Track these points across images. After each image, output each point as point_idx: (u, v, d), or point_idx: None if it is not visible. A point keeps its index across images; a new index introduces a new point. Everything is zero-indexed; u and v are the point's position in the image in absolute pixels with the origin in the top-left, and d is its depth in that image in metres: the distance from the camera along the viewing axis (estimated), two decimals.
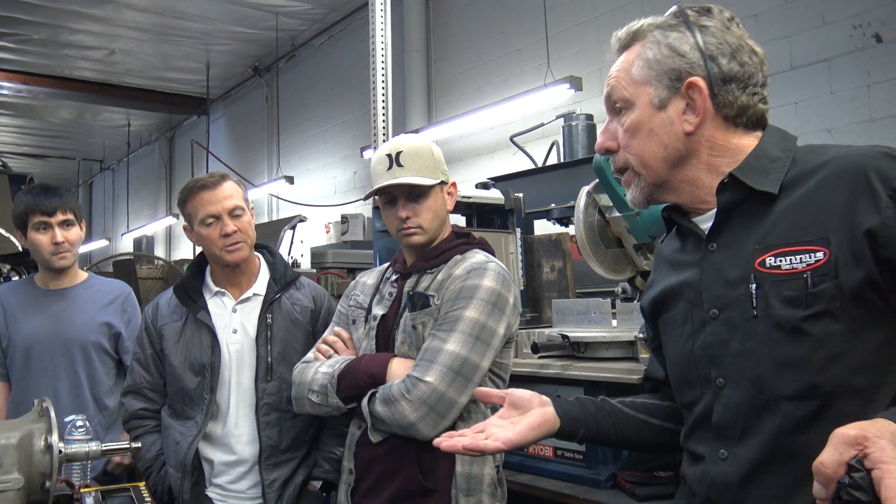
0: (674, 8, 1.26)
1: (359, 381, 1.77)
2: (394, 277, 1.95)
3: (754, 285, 1.13)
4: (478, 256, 1.86)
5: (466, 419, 1.76)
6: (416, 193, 1.85)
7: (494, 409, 1.83)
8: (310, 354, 1.98)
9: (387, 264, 2.04)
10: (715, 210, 1.22)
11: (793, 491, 1.07)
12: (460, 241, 1.91)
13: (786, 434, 1.09)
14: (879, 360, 1.07)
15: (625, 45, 1.30)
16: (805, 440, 1.06)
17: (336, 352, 1.94)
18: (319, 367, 1.86)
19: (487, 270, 1.80)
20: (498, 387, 1.85)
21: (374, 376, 1.76)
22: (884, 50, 4.30)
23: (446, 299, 1.78)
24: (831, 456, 0.84)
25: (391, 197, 1.87)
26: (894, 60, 4.26)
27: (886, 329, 1.07)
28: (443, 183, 1.90)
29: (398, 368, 1.76)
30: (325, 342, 1.97)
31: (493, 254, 1.92)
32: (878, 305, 1.06)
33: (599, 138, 1.32)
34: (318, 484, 2.20)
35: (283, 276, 2.29)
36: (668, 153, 1.22)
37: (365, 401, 1.75)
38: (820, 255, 1.08)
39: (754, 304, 1.13)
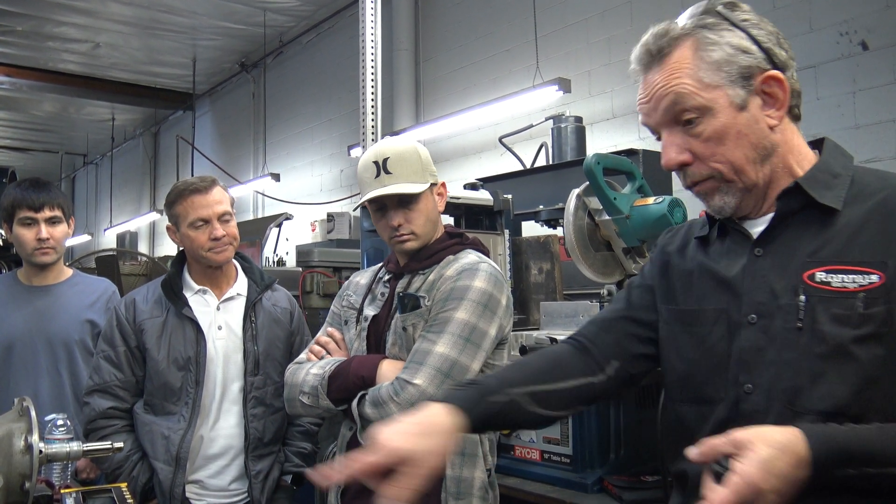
0: (701, 7, 1.21)
1: (349, 382, 1.75)
2: (386, 277, 1.93)
3: (804, 297, 1.13)
4: (470, 257, 1.85)
5: None
6: (406, 200, 1.82)
7: None
8: (302, 355, 1.96)
9: (381, 264, 2.03)
10: (769, 216, 1.21)
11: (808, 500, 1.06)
12: (453, 242, 1.90)
13: None
14: None
15: (665, 53, 1.20)
16: None
17: (328, 352, 1.91)
18: (310, 368, 1.84)
19: (479, 271, 1.78)
20: None
21: (364, 378, 1.74)
22: (870, 57, 4.34)
23: (436, 300, 1.76)
24: (720, 444, 1.02)
25: (381, 205, 1.84)
26: (880, 67, 4.29)
27: None
28: (432, 185, 1.89)
29: (388, 370, 1.74)
30: (318, 343, 1.95)
31: (486, 254, 1.91)
32: None
33: (670, 154, 1.21)
34: (288, 478, 2.30)
35: (262, 279, 2.38)
36: (758, 153, 1.19)
37: (355, 403, 1.72)
38: (874, 277, 1.09)
39: (800, 316, 1.12)
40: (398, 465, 1.12)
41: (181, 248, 2.33)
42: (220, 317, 2.27)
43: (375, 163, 1.82)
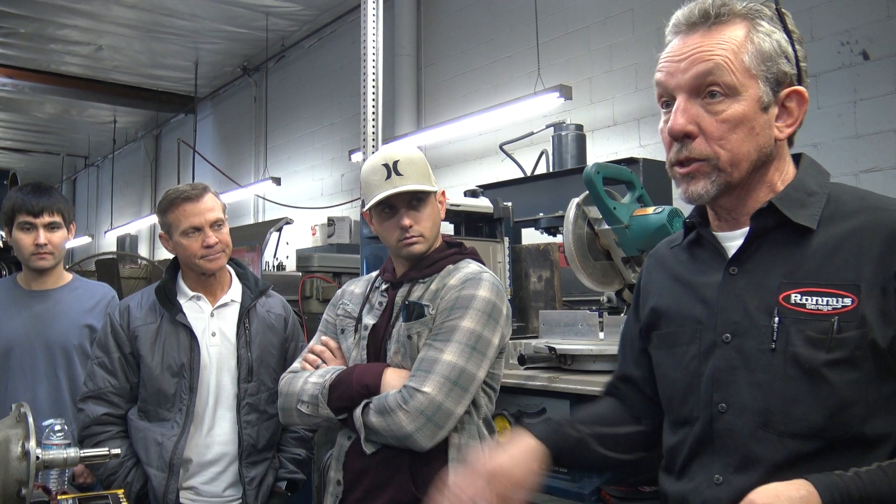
0: (759, 1, 1.19)
1: (352, 391, 1.74)
2: (383, 286, 1.92)
3: (777, 318, 1.12)
4: (471, 266, 1.86)
5: (460, 430, 1.75)
6: (416, 201, 1.84)
7: (486, 419, 1.83)
8: (296, 364, 1.94)
9: (375, 273, 2.02)
10: (744, 231, 1.20)
11: None
12: (452, 251, 1.91)
13: (784, 469, 1.09)
14: (889, 412, 1.07)
15: (721, 21, 1.16)
16: (801, 476, 1.06)
17: (324, 361, 1.91)
18: (309, 377, 1.83)
19: (482, 281, 1.79)
20: (490, 397, 1.84)
21: (368, 387, 1.74)
22: (871, 67, 4.34)
23: (441, 309, 1.77)
24: None
25: (391, 206, 1.84)
26: (881, 77, 4.29)
27: None
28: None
29: (393, 379, 1.74)
30: (313, 352, 1.94)
31: (483, 264, 1.92)
32: (892, 362, 1.07)
33: (679, 118, 1.16)
34: (283, 485, 2.30)
35: (256, 286, 2.38)
36: (759, 157, 1.17)
37: (359, 411, 1.71)
38: (848, 301, 1.08)
39: (774, 338, 1.11)
40: (491, 479, 1.22)
41: (175, 256, 2.33)
42: (213, 323, 2.28)
43: (385, 165, 1.82)
